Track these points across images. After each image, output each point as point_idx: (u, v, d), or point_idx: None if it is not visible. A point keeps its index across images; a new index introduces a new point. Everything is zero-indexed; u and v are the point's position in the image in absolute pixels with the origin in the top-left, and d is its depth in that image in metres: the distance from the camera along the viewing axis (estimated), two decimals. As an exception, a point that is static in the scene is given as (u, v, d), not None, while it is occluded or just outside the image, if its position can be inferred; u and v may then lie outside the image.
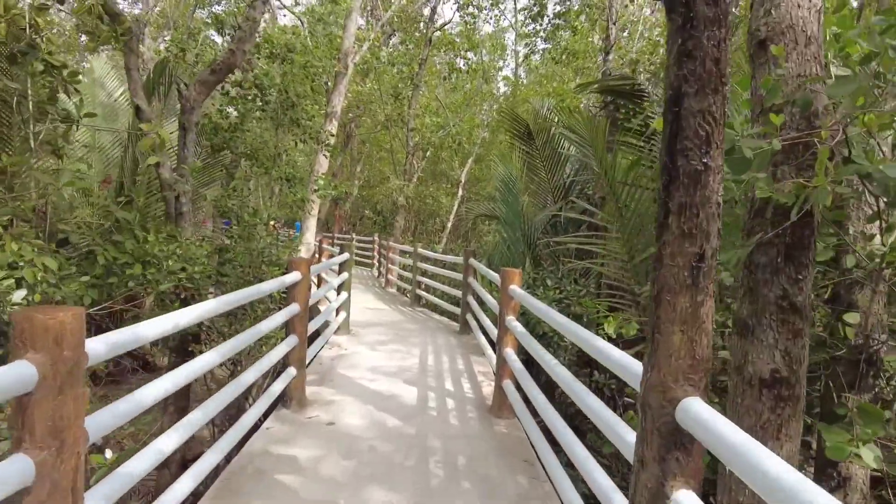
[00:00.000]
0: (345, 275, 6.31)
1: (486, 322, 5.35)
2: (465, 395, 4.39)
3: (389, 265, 11.52)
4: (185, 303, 5.16)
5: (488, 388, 4.58)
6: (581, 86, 8.92)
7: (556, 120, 9.07)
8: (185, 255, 5.49)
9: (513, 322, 3.82)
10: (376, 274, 13.93)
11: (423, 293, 8.95)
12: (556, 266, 7.64)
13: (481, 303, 6.19)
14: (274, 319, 3.57)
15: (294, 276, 3.82)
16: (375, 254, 14.37)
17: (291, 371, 3.89)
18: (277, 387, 3.70)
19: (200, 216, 9.61)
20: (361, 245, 17.43)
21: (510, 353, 3.85)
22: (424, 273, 9.26)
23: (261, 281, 5.40)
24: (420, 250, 9.15)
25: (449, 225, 17.47)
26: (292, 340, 3.88)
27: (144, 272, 4.69)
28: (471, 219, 9.52)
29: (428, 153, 14.60)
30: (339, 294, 6.34)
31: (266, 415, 4.00)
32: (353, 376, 4.77)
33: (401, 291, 10.89)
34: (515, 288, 3.87)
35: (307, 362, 4.23)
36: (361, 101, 13.36)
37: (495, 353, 4.21)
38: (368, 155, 22.66)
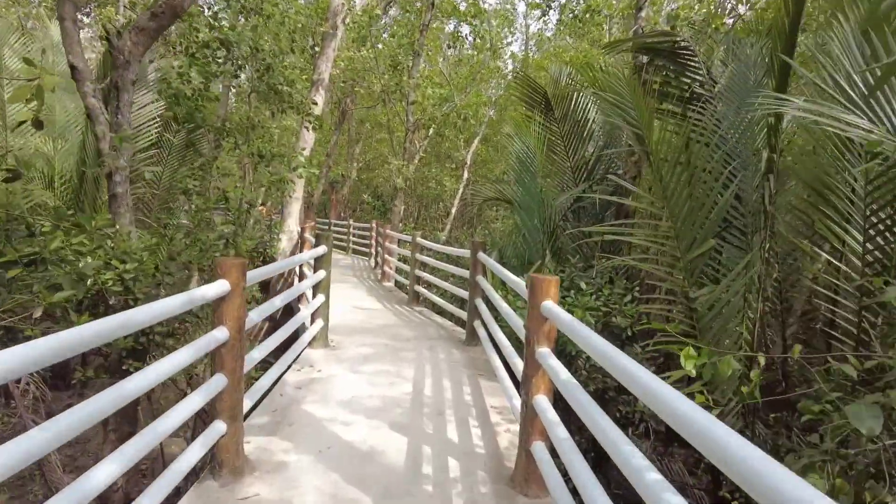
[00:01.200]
0: (321, 273, 5.02)
1: (501, 337, 4.07)
2: (475, 451, 3.12)
3: (386, 256, 10.23)
4: (108, 312, 3.91)
5: (506, 439, 3.30)
6: (611, 44, 7.50)
7: (581, 84, 7.68)
8: (118, 249, 4.24)
9: (548, 358, 2.52)
10: (373, 265, 12.65)
11: (423, 290, 7.67)
12: (583, 261, 6.33)
13: (493, 309, 4.90)
14: (182, 354, 2.30)
15: (218, 288, 2.53)
16: (373, 242, 13.08)
17: (218, 427, 2.63)
18: (193, 454, 2.44)
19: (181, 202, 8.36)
20: (360, 233, 16.14)
21: (543, 401, 2.57)
22: (424, 266, 7.97)
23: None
24: (419, 240, 7.85)
25: (453, 210, 16.13)
26: (218, 383, 2.60)
27: (31, 274, 3.42)
28: (477, 204, 8.17)
29: (430, 131, 13.20)
30: (314, 297, 5.06)
31: (181, 490, 2.75)
32: (322, 417, 3.51)
33: (399, 287, 9.60)
34: (552, 306, 2.57)
35: (265, 394, 2.96)
36: (355, 71, 12.00)
37: (519, 395, 2.92)
38: (368, 135, 21.26)
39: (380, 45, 11.59)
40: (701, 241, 4.77)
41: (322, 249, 5.01)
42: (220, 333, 2.58)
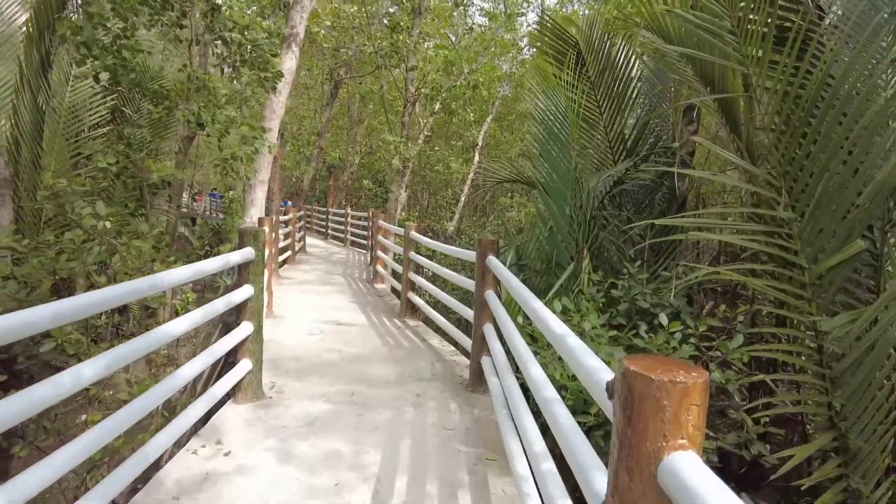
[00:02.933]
0: (246, 290, 3.27)
1: (524, 419, 2.30)
2: None
3: (379, 252, 8.47)
4: None
5: None
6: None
7: (624, 31, 5.79)
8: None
9: None
10: (369, 261, 10.92)
11: (418, 300, 5.91)
12: (640, 266, 4.50)
13: (509, 351, 3.12)
14: None
15: None
16: (370, 234, 11.34)
17: None
18: None
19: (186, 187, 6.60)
20: (358, 223, 14.39)
21: None
22: (421, 269, 6.20)
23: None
24: (413, 234, 6.07)
25: (463, 198, 14.29)
26: None
27: None
28: (489, 188, 6.35)
29: (437, 105, 11.34)
30: (238, 325, 3.32)
31: None
32: None
33: (395, 291, 7.84)
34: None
35: None
36: (344, 30, 10.20)
37: None
38: (375, 113, 19.32)
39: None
40: (842, 240, 3.00)
41: (247, 254, 3.25)
42: None
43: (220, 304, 3.01)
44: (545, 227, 5.17)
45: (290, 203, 14.87)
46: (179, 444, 2.84)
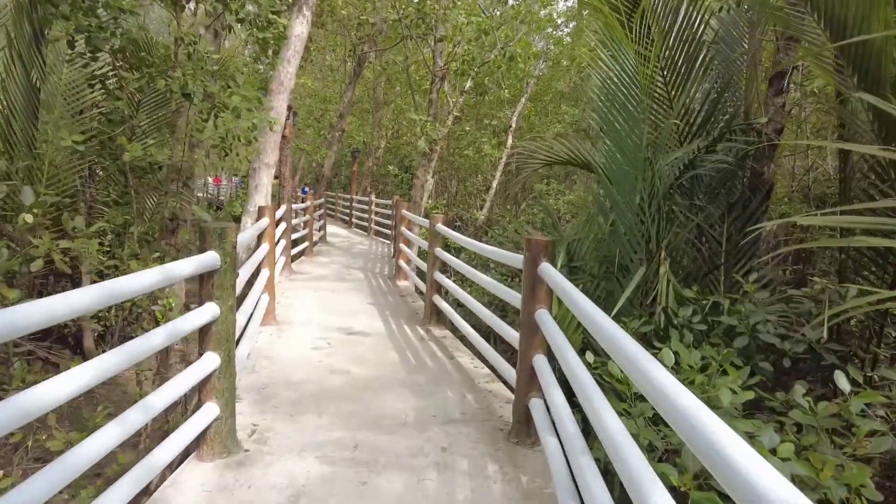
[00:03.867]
0: (211, 310, 2.37)
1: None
2: None
3: (402, 245, 7.55)
4: None
5: None
6: None
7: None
8: None
9: None
10: (392, 253, 10.04)
11: (445, 305, 4.97)
12: (716, 271, 3.44)
13: (570, 390, 2.15)
14: None
15: None
16: (394, 223, 10.44)
17: None
18: None
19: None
20: (382, 211, 13.53)
21: None
22: (448, 269, 5.25)
23: None
24: (439, 227, 5.10)
25: (494, 184, 13.24)
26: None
27: None
28: (530, 172, 5.31)
29: (468, 82, 10.27)
30: (200, 359, 2.43)
31: None
32: None
33: (419, 291, 6.90)
34: None
35: None
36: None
37: None
38: (402, 94, 18.28)
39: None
40: None
41: (208, 261, 2.34)
42: None
43: (171, 329, 2.12)
44: (606, 220, 4.14)
45: (308, 190, 14.11)
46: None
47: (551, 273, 2.61)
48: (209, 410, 2.47)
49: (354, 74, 12.19)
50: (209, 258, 2.34)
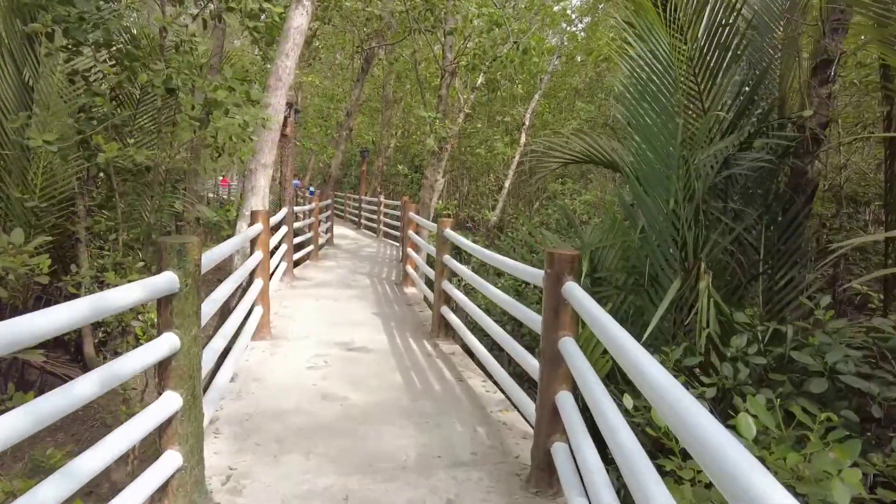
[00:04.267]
0: (167, 341, 1.97)
1: None
2: None
3: (409, 249, 7.14)
4: None
5: None
6: None
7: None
8: None
9: None
10: (400, 257, 9.63)
11: (454, 319, 4.54)
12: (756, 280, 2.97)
13: (601, 438, 1.71)
14: None
15: None
16: (402, 225, 10.03)
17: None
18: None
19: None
20: (391, 212, 13.14)
21: None
22: (457, 278, 4.81)
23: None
24: (447, 233, 4.67)
25: (507, 184, 12.77)
26: None
27: None
28: (548, 171, 4.84)
29: (480, 78, 9.82)
30: (159, 398, 2.04)
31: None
32: None
33: (428, 301, 6.45)
34: None
35: None
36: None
37: None
38: (412, 91, 17.85)
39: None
40: None
41: (165, 284, 1.94)
42: None
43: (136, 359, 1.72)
44: (634, 225, 3.68)
45: (315, 191, 13.76)
46: None
47: (578, 295, 2.17)
48: (170, 459, 2.07)
49: (362, 72, 11.81)
50: (165, 280, 1.94)
